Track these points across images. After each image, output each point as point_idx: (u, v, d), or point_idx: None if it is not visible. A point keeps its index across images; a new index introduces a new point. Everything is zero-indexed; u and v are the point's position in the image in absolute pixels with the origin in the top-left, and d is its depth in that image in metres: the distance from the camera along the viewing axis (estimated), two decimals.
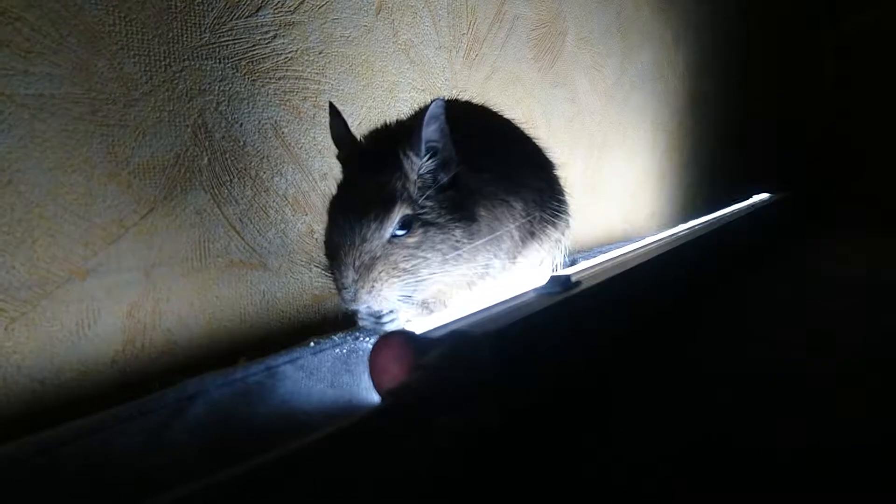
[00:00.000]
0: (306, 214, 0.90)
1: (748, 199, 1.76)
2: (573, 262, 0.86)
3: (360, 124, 0.97)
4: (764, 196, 1.79)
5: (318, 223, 0.91)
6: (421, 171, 0.60)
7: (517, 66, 1.29)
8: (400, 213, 0.58)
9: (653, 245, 0.92)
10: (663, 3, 1.87)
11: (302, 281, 0.90)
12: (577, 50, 1.48)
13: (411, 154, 0.60)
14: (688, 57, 2.02)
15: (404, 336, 0.47)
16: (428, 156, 0.60)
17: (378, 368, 0.48)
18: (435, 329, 0.50)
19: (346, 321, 0.70)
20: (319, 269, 0.62)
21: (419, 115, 0.74)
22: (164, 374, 0.76)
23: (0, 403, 0.63)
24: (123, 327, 0.72)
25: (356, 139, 0.65)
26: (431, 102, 0.60)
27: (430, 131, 0.60)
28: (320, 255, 0.76)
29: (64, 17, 0.65)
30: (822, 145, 2.39)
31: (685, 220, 1.88)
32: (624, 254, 0.84)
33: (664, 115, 1.92)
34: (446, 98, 0.79)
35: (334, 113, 0.64)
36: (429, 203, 0.60)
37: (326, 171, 0.92)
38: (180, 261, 0.77)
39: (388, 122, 0.69)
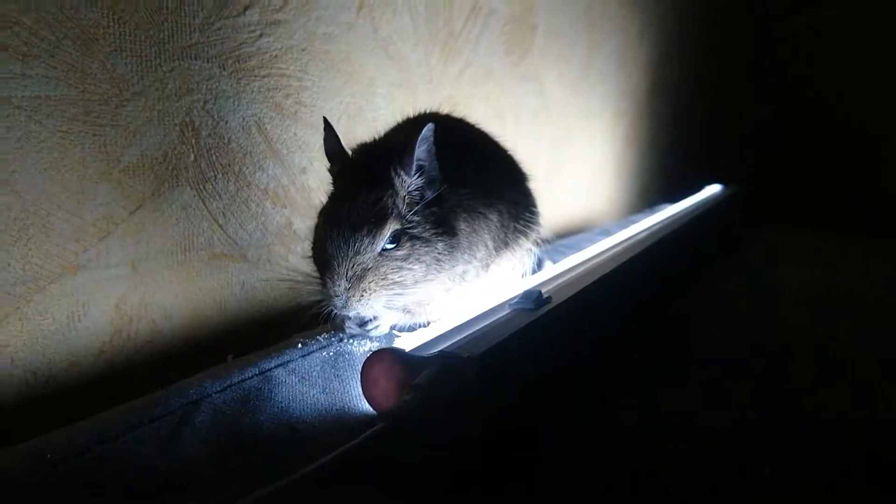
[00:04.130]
0: (285, 207, 0.93)
1: (700, 190, 1.83)
2: (539, 262, 0.91)
3: (340, 119, 1.00)
4: (717, 187, 1.87)
5: (296, 216, 0.94)
6: (410, 189, 0.64)
7: (489, 61, 1.32)
8: (391, 228, 0.62)
9: (613, 250, 0.98)
10: None
11: (280, 272, 0.93)
12: (547, 43, 1.52)
13: (402, 173, 0.64)
14: (650, 49, 2.08)
15: (394, 353, 0.52)
16: (417, 174, 0.65)
17: (370, 380, 0.52)
18: (422, 346, 0.55)
19: (317, 307, 0.73)
20: (304, 278, 0.66)
21: (403, 129, 0.78)
22: (148, 363, 0.79)
23: None
24: (111, 319, 0.75)
25: (347, 153, 0.68)
26: (423, 121, 0.64)
27: (420, 152, 0.64)
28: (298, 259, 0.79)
29: (60, 20, 0.66)
30: (781, 138, 2.49)
31: (641, 208, 1.96)
32: (586, 260, 0.90)
33: (625, 105, 1.98)
34: (428, 111, 0.84)
35: (328, 128, 0.67)
36: (416, 218, 0.64)
37: (305, 165, 0.95)
38: (166, 254, 0.80)
39: (375, 137, 0.73)
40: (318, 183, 0.93)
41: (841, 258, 1.60)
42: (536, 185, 0.88)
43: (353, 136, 1.00)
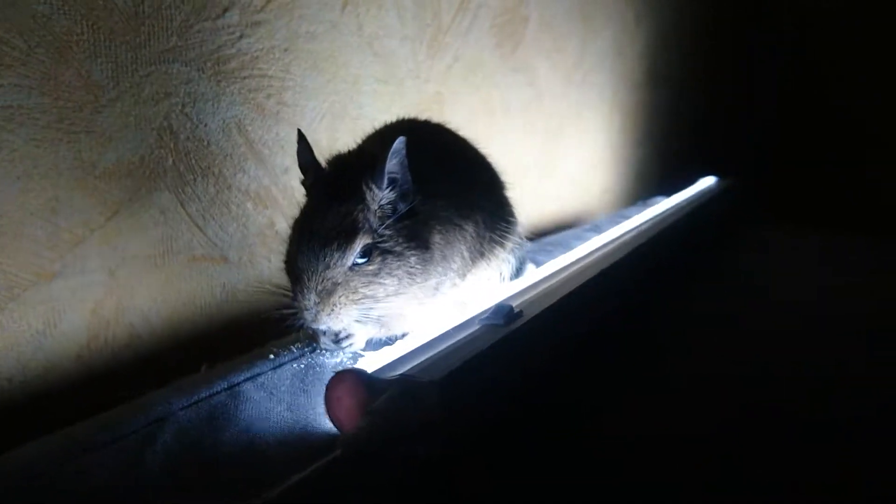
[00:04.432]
0: (267, 208, 0.93)
1: (694, 183, 1.82)
2: (521, 267, 0.91)
3: (324, 118, 0.99)
4: (711, 180, 1.85)
5: (278, 216, 0.94)
6: (381, 203, 0.64)
7: (479, 54, 1.31)
8: (361, 243, 0.62)
9: (599, 252, 0.97)
10: None
11: (261, 273, 0.93)
12: (539, 34, 1.50)
13: (373, 186, 0.64)
14: (648, 36, 2.06)
15: (356, 374, 0.52)
16: (389, 188, 0.64)
17: (332, 401, 0.53)
18: (386, 367, 0.55)
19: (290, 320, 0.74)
20: (281, 291, 0.66)
21: (379, 138, 0.77)
22: (127, 367, 0.80)
23: None
24: (88, 325, 0.76)
25: (321, 166, 0.68)
26: (399, 129, 0.64)
27: (391, 165, 0.64)
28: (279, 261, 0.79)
29: (32, 28, 0.66)
30: (780, 133, 2.47)
31: (635, 200, 1.95)
32: (570, 264, 0.90)
33: (621, 93, 1.96)
34: (406, 118, 0.83)
35: (302, 140, 0.67)
36: (387, 232, 0.64)
37: (288, 165, 0.94)
38: (144, 259, 0.80)
39: (350, 148, 0.72)
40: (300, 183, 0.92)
41: (839, 257, 1.58)
42: (528, 179, 0.87)
43: (337, 135, 1.00)
